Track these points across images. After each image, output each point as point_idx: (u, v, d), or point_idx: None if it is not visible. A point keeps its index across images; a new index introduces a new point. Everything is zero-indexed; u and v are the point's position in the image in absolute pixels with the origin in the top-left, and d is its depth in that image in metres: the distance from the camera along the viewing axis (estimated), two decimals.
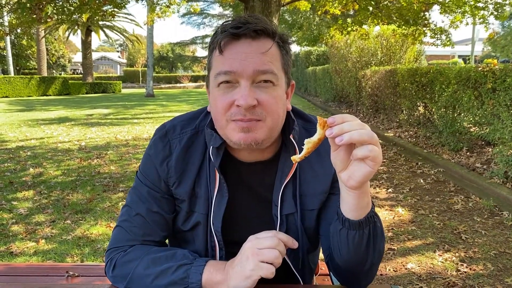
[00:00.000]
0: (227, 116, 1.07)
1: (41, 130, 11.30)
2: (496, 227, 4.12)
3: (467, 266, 3.33)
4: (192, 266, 1.08)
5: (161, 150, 1.22)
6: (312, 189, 1.22)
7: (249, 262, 0.99)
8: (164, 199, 1.24)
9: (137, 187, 1.26)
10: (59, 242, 3.85)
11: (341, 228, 1.05)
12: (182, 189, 1.21)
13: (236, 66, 1.05)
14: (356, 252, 1.06)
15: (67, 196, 5.24)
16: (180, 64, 69.76)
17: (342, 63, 13.91)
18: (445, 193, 5.29)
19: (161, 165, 1.21)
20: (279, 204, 1.20)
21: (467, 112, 6.31)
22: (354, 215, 1.02)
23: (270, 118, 1.09)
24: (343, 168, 0.97)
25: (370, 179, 0.97)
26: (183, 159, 1.21)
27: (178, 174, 1.21)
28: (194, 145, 1.23)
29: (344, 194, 1.01)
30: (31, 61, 43.63)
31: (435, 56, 38.70)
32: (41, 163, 7.08)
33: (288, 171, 1.19)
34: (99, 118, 14.46)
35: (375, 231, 1.05)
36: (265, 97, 1.06)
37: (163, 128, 1.26)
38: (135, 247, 1.20)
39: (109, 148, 8.53)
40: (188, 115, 1.30)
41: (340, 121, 0.90)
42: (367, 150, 0.89)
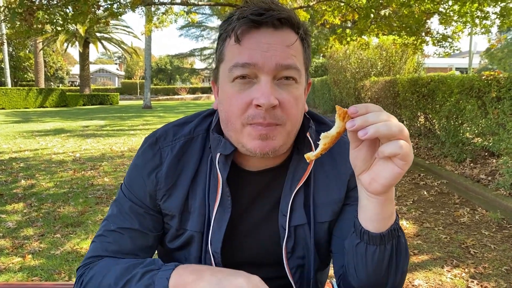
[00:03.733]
0: (243, 118, 0.91)
1: (36, 141, 11.11)
2: (505, 241, 3.93)
3: (478, 283, 3.14)
4: (159, 271, 0.91)
5: (150, 159, 1.06)
6: (324, 197, 1.06)
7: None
8: (149, 215, 1.07)
9: (119, 201, 1.10)
10: (47, 257, 3.64)
11: (358, 242, 0.89)
12: (173, 203, 1.04)
13: (257, 58, 0.88)
14: (376, 272, 0.89)
15: (58, 208, 5.04)
16: (178, 76, 69.96)
17: (341, 74, 13.83)
18: (450, 205, 5.12)
19: (149, 177, 1.05)
20: (288, 214, 1.03)
21: (470, 122, 6.16)
22: (375, 226, 0.85)
23: (290, 123, 0.94)
24: (365, 169, 0.80)
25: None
26: (175, 169, 1.05)
27: (169, 186, 1.04)
28: (188, 153, 1.06)
29: (365, 201, 0.84)
30: (28, 73, 43.57)
31: (433, 69, 38.84)
32: (34, 175, 6.89)
33: (300, 176, 1.03)
34: (95, 129, 14.29)
35: (399, 248, 0.89)
36: (286, 97, 0.91)
37: (154, 135, 1.10)
38: (104, 259, 1.03)
39: (104, 160, 8.34)
40: (181, 120, 1.14)
41: (363, 111, 0.74)
42: (396, 146, 0.72)
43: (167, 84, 67.29)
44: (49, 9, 5.80)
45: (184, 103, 39.35)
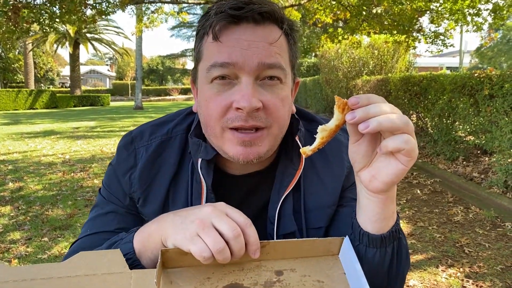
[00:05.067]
0: (223, 122, 0.84)
1: (25, 143, 10.95)
2: (500, 240, 3.90)
3: (473, 283, 3.10)
4: (123, 240, 0.84)
5: (125, 159, 0.99)
6: (317, 202, 0.99)
7: (190, 227, 0.73)
8: (131, 215, 1.01)
9: (98, 204, 1.04)
10: (33, 261, 3.54)
11: (357, 245, 0.82)
12: (149, 207, 0.98)
13: (237, 57, 0.80)
14: (375, 276, 0.82)
15: (46, 211, 4.93)
16: (170, 76, 69.71)
17: (333, 73, 13.81)
18: (443, 204, 5.08)
19: (123, 177, 0.98)
20: (275, 222, 0.96)
21: (463, 120, 6.14)
22: (375, 227, 0.79)
23: (276, 125, 0.86)
24: (365, 165, 0.74)
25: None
26: (149, 170, 0.98)
27: (143, 188, 0.97)
28: (165, 153, 0.99)
29: (364, 200, 0.78)
30: (18, 74, 43.11)
31: (424, 68, 39.04)
32: (22, 177, 6.76)
33: (289, 181, 0.96)
34: (86, 130, 14.13)
35: (400, 251, 0.83)
36: (270, 99, 0.83)
37: (129, 135, 1.03)
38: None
39: (94, 161, 8.22)
40: (161, 119, 1.07)
41: (365, 102, 0.68)
42: (401, 141, 0.66)
43: (159, 85, 67.01)
44: (35, 7, 5.68)
45: (176, 103, 39.16)
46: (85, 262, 0.76)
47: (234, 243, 0.72)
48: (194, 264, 0.77)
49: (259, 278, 0.77)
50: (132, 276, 0.74)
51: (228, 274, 0.77)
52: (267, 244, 0.79)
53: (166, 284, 0.75)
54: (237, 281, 0.76)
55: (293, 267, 0.79)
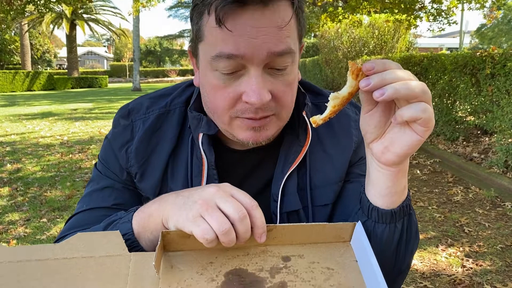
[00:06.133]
0: (232, 113, 0.80)
1: (23, 125, 10.89)
2: (499, 219, 3.90)
3: (473, 262, 3.10)
4: (122, 219, 0.80)
5: (121, 133, 0.95)
6: (324, 178, 0.95)
7: (193, 207, 0.68)
8: (128, 191, 0.97)
9: (95, 180, 0.99)
10: (32, 242, 3.54)
11: (365, 220, 0.78)
12: (147, 183, 0.94)
13: (244, 48, 0.72)
14: (383, 253, 0.79)
15: (44, 192, 4.92)
16: (167, 58, 69.19)
17: (333, 54, 13.68)
18: (443, 184, 5.07)
19: (120, 151, 0.94)
20: (278, 200, 0.92)
21: (464, 100, 6.09)
22: (386, 202, 0.75)
23: (285, 111, 0.82)
24: (377, 137, 0.70)
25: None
26: (147, 144, 0.93)
27: (140, 163, 0.93)
28: (163, 127, 0.95)
29: (375, 173, 0.74)
30: (15, 56, 42.68)
31: (424, 49, 38.75)
32: (20, 159, 6.73)
33: (293, 158, 0.92)
34: (84, 112, 14.05)
35: (410, 227, 0.79)
36: (280, 87, 0.78)
37: (126, 107, 0.98)
38: (75, 231, 0.91)
39: (92, 143, 8.18)
40: (159, 92, 1.02)
41: (380, 68, 0.63)
42: (418, 109, 0.62)
43: (157, 66, 66.51)
44: None
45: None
46: (83, 243, 0.72)
47: (239, 225, 0.67)
48: (196, 248, 0.73)
49: (265, 264, 0.72)
50: (131, 259, 0.71)
51: (232, 259, 0.73)
52: (274, 228, 0.74)
53: (166, 268, 0.71)
54: (242, 266, 0.72)
55: (301, 253, 0.74)
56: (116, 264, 0.70)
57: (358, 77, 0.65)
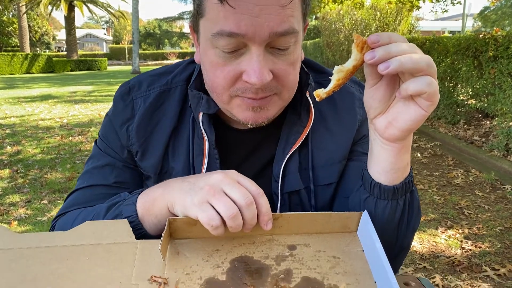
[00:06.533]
0: (231, 91, 0.78)
1: (22, 107, 10.85)
2: (499, 202, 3.91)
3: (472, 244, 3.11)
4: (125, 201, 0.81)
5: (122, 110, 0.94)
6: (328, 157, 0.94)
7: (199, 193, 0.69)
8: (129, 169, 0.96)
9: (95, 157, 0.98)
10: (33, 223, 3.55)
11: (367, 197, 0.78)
12: (147, 161, 0.93)
13: (246, 26, 0.70)
14: (385, 230, 0.79)
15: (45, 174, 4.92)
16: (167, 40, 68.67)
17: (334, 36, 13.54)
18: (443, 167, 5.07)
19: (121, 129, 0.93)
20: (279, 180, 0.91)
21: (465, 83, 6.05)
22: (388, 178, 0.74)
23: (287, 91, 0.80)
24: (381, 111, 0.69)
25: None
26: (148, 122, 0.92)
27: (141, 142, 0.92)
28: (164, 105, 0.93)
29: (378, 148, 0.73)
30: (13, 38, 42.32)
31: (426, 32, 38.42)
32: (20, 141, 6.72)
33: (295, 139, 0.91)
34: (83, 95, 13.98)
35: (412, 204, 0.79)
36: (282, 67, 0.76)
37: (127, 85, 0.97)
38: (73, 211, 0.93)
39: (92, 125, 8.16)
40: (160, 69, 1.00)
41: (386, 41, 0.62)
42: (423, 83, 0.60)
43: (156, 49, 66.04)
44: None
45: None
46: (91, 231, 0.74)
47: (246, 211, 0.68)
48: (202, 236, 0.75)
49: (271, 252, 0.73)
50: (138, 246, 0.72)
51: (238, 247, 0.74)
52: (280, 216, 0.75)
53: (172, 254, 0.72)
54: (247, 254, 0.73)
55: (307, 242, 0.75)
56: (123, 250, 0.71)
57: (363, 50, 0.64)
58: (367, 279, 0.69)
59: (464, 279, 2.65)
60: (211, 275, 0.68)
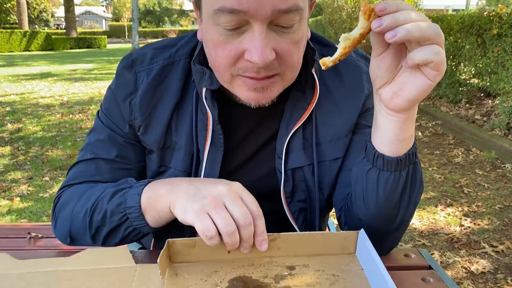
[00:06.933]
0: (233, 70, 0.76)
1: (22, 85, 10.79)
2: (499, 180, 3.92)
3: (471, 221, 3.14)
4: (131, 189, 0.82)
5: (124, 84, 0.92)
6: (334, 132, 0.93)
7: (200, 202, 0.71)
8: (130, 145, 0.95)
9: (96, 129, 0.97)
10: (35, 200, 3.58)
11: (370, 168, 0.78)
12: (150, 136, 0.92)
13: (248, 3, 0.67)
14: (387, 202, 0.79)
15: (46, 152, 4.93)
16: (167, 18, 67.88)
17: (336, 14, 13.37)
18: (444, 146, 5.07)
19: (123, 103, 0.92)
20: (283, 156, 0.91)
21: (468, 62, 6.00)
22: (391, 149, 0.74)
23: (290, 71, 0.78)
24: (387, 81, 0.68)
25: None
26: (151, 97, 0.91)
27: (144, 116, 0.91)
28: (167, 79, 0.92)
29: (382, 119, 0.72)
30: (11, 15, 41.85)
31: (430, 10, 37.93)
32: (20, 119, 6.71)
33: (299, 116, 0.90)
34: (83, 73, 13.90)
35: (415, 176, 0.78)
36: (285, 46, 0.73)
37: (129, 57, 0.95)
38: (79, 185, 0.93)
39: (93, 103, 8.13)
40: (163, 42, 0.98)
41: (393, 9, 0.60)
42: (430, 52, 0.59)
43: (156, 27, 65.35)
44: None
45: None
46: (91, 257, 0.78)
47: (243, 230, 0.70)
48: (202, 260, 0.77)
49: (269, 272, 0.74)
50: (137, 269, 0.75)
51: (237, 269, 0.75)
52: (278, 237, 0.77)
53: (171, 276, 0.73)
54: (246, 274, 0.74)
55: (306, 263, 0.77)
56: (122, 272, 0.74)
57: (370, 18, 0.63)
58: None
59: (462, 256, 2.67)
60: None
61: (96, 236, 0.87)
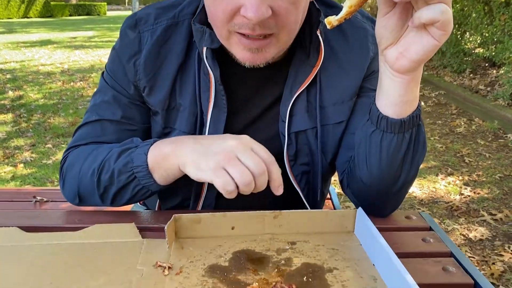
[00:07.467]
0: (230, 26, 0.75)
1: (22, 53, 10.70)
2: (500, 150, 3.93)
3: (471, 190, 3.16)
4: (137, 148, 0.83)
5: (128, 44, 0.91)
6: (339, 95, 0.93)
7: (214, 158, 0.72)
8: (135, 106, 0.95)
9: (101, 90, 0.97)
10: (39, 166, 3.61)
11: (373, 130, 0.78)
12: (155, 97, 0.92)
13: None
14: (390, 164, 0.79)
15: (48, 119, 4.93)
16: None
17: None
18: (447, 115, 5.06)
19: (128, 64, 0.91)
20: (286, 120, 0.91)
21: (474, 31, 5.90)
22: (395, 111, 0.74)
23: (286, 32, 0.76)
24: (392, 42, 0.67)
25: None
26: (155, 58, 0.90)
27: (149, 77, 0.90)
28: (171, 40, 0.90)
29: (387, 81, 0.72)
30: None
31: None
32: (21, 86, 6.68)
33: (303, 78, 0.89)
34: (83, 40, 13.74)
35: (418, 138, 0.78)
36: (282, 5, 0.72)
37: (133, 17, 0.93)
38: (85, 146, 0.93)
39: (93, 71, 8.08)
40: (167, 2, 0.95)
41: None
42: (436, 11, 0.58)
43: None
44: None
45: None
46: (99, 232, 0.81)
47: (259, 178, 0.72)
48: (206, 236, 0.80)
49: (272, 246, 0.78)
50: (144, 242, 0.78)
51: (240, 243, 0.79)
52: (279, 214, 0.81)
53: (177, 248, 0.77)
54: (249, 248, 0.77)
55: (306, 239, 0.80)
56: (129, 246, 0.77)
57: None
58: (365, 263, 0.74)
59: (461, 223, 2.71)
60: (214, 262, 0.73)
61: (104, 195, 0.88)
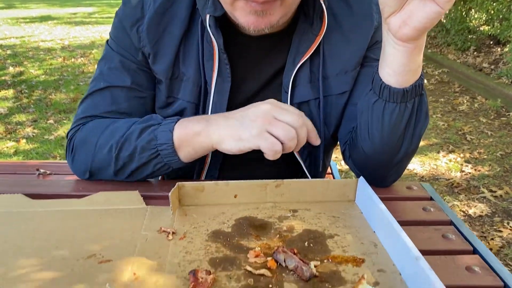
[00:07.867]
0: None
1: (22, 28, 10.58)
2: (503, 128, 3.92)
3: (472, 167, 3.17)
4: (160, 125, 0.83)
5: (132, 9, 0.90)
6: (342, 65, 0.92)
7: (254, 125, 0.76)
8: (142, 71, 0.94)
9: (107, 57, 0.95)
10: (41, 142, 3.62)
11: (376, 100, 0.78)
12: (159, 65, 0.91)
13: None
14: (391, 134, 0.80)
15: (49, 95, 4.92)
16: None
17: None
18: (449, 93, 5.03)
19: (131, 30, 0.90)
20: (289, 90, 0.91)
21: (479, 8, 5.81)
22: (398, 80, 0.73)
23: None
24: (396, 9, 0.66)
25: None
26: (158, 24, 0.89)
27: (152, 44, 0.89)
28: (174, 6, 0.89)
29: (390, 49, 0.71)
30: None
31: None
32: (22, 62, 6.64)
33: (306, 47, 0.88)
34: (84, 16, 13.56)
35: (420, 108, 0.78)
36: None
37: None
38: (96, 119, 0.92)
39: (94, 47, 8.01)
40: None
41: None
42: None
43: None
44: None
45: None
46: (103, 199, 0.82)
47: (300, 130, 0.77)
48: (209, 204, 0.81)
49: (274, 213, 0.80)
50: (148, 209, 0.80)
51: (242, 211, 0.80)
52: (282, 183, 0.82)
53: (181, 215, 0.78)
54: (251, 215, 0.79)
55: (308, 207, 0.82)
56: (133, 212, 0.79)
57: None
58: (366, 230, 0.75)
59: (461, 200, 2.73)
60: (218, 228, 0.74)
61: (120, 171, 0.87)
